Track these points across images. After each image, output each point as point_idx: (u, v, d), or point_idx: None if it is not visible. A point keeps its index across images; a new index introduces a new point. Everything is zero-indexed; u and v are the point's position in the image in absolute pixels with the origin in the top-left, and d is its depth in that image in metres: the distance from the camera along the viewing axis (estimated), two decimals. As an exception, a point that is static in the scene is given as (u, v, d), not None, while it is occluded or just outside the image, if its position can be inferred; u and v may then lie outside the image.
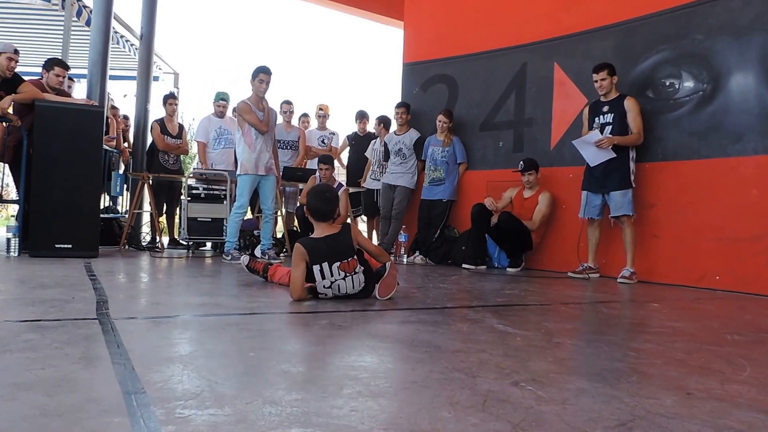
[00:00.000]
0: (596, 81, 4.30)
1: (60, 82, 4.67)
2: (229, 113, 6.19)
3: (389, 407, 1.12)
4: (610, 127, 4.25)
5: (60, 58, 4.98)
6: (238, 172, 4.68)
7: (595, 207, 4.36)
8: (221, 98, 6.06)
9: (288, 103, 6.21)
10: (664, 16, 4.42)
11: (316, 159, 6.55)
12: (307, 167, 6.20)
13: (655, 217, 4.33)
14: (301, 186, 6.03)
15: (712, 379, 1.45)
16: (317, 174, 5.44)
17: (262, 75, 4.50)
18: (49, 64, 4.65)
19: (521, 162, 4.93)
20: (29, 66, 7.27)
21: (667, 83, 4.38)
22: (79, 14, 5.93)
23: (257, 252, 5.07)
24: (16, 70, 4.43)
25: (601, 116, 4.33)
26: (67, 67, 4.76)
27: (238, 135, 4.66)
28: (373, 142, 6.32)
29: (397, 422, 1.03)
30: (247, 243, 5.36)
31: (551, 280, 4.22)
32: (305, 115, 6.89)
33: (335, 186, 5.32)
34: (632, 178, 4.20)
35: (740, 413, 1.17)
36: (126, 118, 6.97)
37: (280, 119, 6.20)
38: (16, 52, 4.41)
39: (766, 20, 3.84)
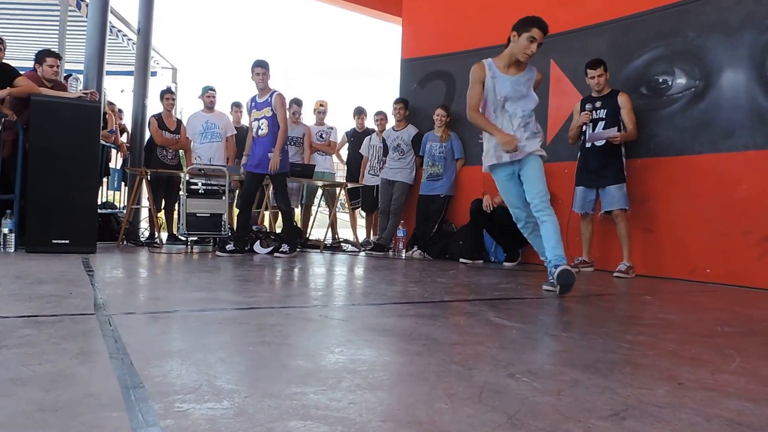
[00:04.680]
0: (593, 78, 4.28)
1: (55, 72, 4.64)
2: (218, 107, 6.20)
3: (387, 399, 1.14)
4: (603, 122, 4.27)
5: (50, 48, 4.94)
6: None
7: (590, 201, 4.40)
8: (210, 89, 6.12)
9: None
10: (658, 13, 4.45)
11: (315, 153, 6.56)
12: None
13: (647, 212, 4.36)
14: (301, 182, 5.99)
15: (703, 369, 1.47)
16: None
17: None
18: (41, 56, 4.61)
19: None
20: (25, 61, 7.23)
21: (660, 80, 4.40)
22: (78, 7, 5.91)
23: (256, 248, 5.08)
24: (14, 65, 4.40)
25: (594, 111, 4.34)
26: (59, 56, 4.72)
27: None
28: (368, 138, 6.31)
29: (395, 414, 1.04)
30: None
31: (547, 274, 4.23)
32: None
33: (270, 94, 4.76)
34: (624, 173, 4.25)
35: (730, 402, 1.19)
36: (119, 109, 6.93)
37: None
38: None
39: (757, 18, 3.87)
